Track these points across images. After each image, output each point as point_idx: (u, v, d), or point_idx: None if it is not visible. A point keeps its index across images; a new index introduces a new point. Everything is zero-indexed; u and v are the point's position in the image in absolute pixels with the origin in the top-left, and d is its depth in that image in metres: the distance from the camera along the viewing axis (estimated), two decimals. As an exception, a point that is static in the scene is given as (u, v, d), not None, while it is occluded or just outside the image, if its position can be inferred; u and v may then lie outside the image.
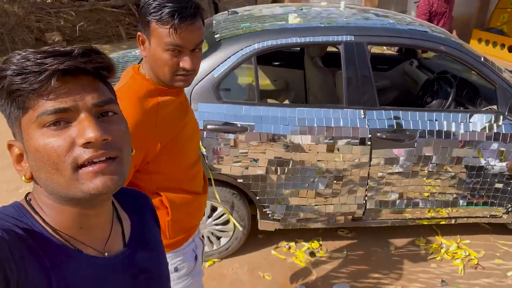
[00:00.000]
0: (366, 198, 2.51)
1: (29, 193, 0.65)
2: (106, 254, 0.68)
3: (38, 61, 0.54)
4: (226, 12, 2.86)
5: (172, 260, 1.35)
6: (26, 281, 0.54)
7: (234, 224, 2.50)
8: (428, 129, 2.38)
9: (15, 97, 0.56)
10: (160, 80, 1.16)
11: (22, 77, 0.54)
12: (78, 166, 0.56)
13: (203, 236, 1.54)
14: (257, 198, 2.44)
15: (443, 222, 2.71)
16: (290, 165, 2.36)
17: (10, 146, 0.61)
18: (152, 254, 0.77)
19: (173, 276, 1.35)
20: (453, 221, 2.70)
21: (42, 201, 0.62)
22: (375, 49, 5.06)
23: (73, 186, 0.57)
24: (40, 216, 0.61)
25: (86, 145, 0.56)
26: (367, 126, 2.35)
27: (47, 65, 0.54)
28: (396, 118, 2.38)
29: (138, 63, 1.25)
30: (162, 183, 1.23)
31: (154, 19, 1.06)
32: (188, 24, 1.07)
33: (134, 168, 1.16)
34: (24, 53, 0.56)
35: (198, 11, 1.09)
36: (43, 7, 8.21)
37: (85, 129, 0.56)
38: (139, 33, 1.13)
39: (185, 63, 1.11)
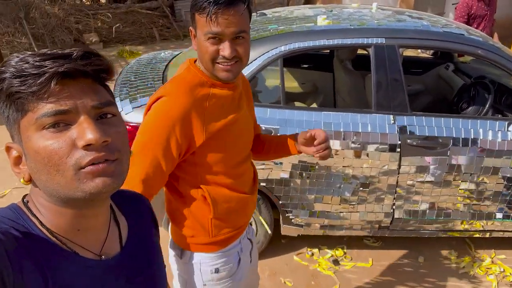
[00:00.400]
0: (394, 206, 2.41)
1: (26, 194, 0.65)
2: (103, 257, 0.67)
3: (37, 63, 0.54)
4: (254, 13, 2.85)
5: (215, 260, 1.33)
6: (23, 283, 0.54)
7: (257, 228, 2.48)
8: (463, 137, 2.26)
9: (14, 100, 0.56)
10: (208, 72, 1.17)
11: (21, 80, 0.54)
12: (81, 167, 0.57)
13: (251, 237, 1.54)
14: (280, 202, 2.40)
15: (476, 235, 2.56)
16: (315, 170, 2.31)
17: (8, 149, 0.61)
18: (149, 257, 0.77)
19: (212, 276, 1.33)
20: (487, 235, 2.55)
21: (40, 203, 0.62)
22: (410, 52, 4.91)
23: (74, 186, 0.57)
24: (38, 218, 0.61)
25: (87, 147, 0.56)
26: (396, 132, 2.26)
27: (47, 68, 0.54)
28: (429, 124, 2.28)
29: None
30: (206, 177, 1.23)
31: (196, 10, 1.09)
32: (223, 11, 1.06)
33: (171, 166, 1.18)
34: (22, 56, 0.56)
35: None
36: (82, 8, 8.52)
37: (85, 131, 0.56)
38: (190, 28, 1.15)
39: (223, 51, 1.10)
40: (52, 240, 0.61)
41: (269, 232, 2.48)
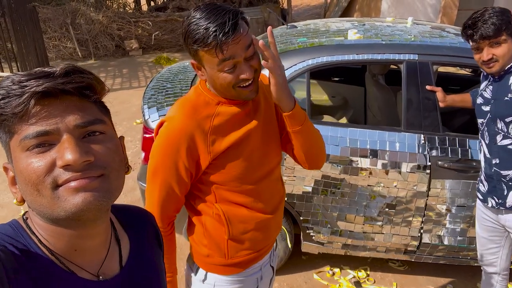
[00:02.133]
0: (422, 230, 2.29)
1: (27, 211, 0.65)
2: (100, 277, 0.66)
3: (21, 84, 0.54)
4: (285, 26, 2.83)
5: (230, 284, 1.27)
6: None
7: (276, 242, 2.43)
8: (499, 161, 2.11)
9: (1, 122, 0.56)
10: (231, 96, 1.13)
11: (6, 101, 0.54)
12: (58, 185, 0.56)
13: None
14: (301, 218, 2.34)
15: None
16: (338, 187, 2.24)
17: (5, 169, 0.62)
18: (149, 276, 0.74)
19: None
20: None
21: (36, 222, 0.62)
22: (448, 69, 4.71)
23: (55, 206, 0.56)
24: (36, 237, 0.61)
25: (66, 167, 0.55)
26: (427, 153, 2.15)
27: (27, 88, 0.54)
28: (462, 145, 2.16)
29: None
30: (221, 195, 1.19)
31: (199, 47, 1.03)
32: (232, 38, 1.02)
33: (185, 188, 1.16)
34: (13, 77, 0.56)
35: (237, 20, 1.03)
36: (125, 16, 8.87)
37: (64, 151, 0.55)
38: (192, 61, 1.11)
39: (243, 73, 1.07)
40: (51, 258, 0.60)
41: (289, 246, 2.43)
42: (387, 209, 2.26)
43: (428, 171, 2.15)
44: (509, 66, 1.64)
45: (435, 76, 2.23)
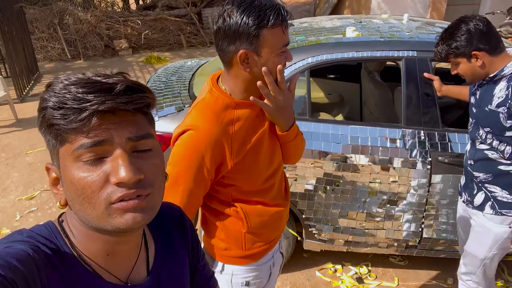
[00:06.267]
0: (423, 225, 2.32)
1: (62, 213, 0.67)
2: (129, 284, 0.66)
3: (79, 95, 0.54)
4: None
5: (247, 273, 1.32)
6: None
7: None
8: (498, 155, 2.14)
9: (53, 130, 0.57)
10: (244, 93, 1.16)
11: (62, 113, 0.54)
12: (111, 203, 0.57)
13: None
14: (303, 216, 2.35)
15: (510, 259, 2.43)
16: (340, 184, 2.25)
17: (47, 169, 0.63)
18: (174, 280, 0.75)
19: None
20: (523, 259, 2.41)
21: (74, 225, 0.63)
22: (445, 64, 4.76)
23: (104, 220, 0.58)
24: (70, 239, 0.62)
25: (119, 184, 0.56)
26: (427, 148, 2.17)
27: (88, 104, 0.54)
28: (462, 141, 2.18)
29: (215, 75, 1.23)
30: (237, 195, 1.23)
31: (265, 27, 1.04)
32: (288, 18, 1.08)
33: (205, 191, 1.18)
34: (66, 82, 0.56)
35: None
36: (113, 15, 8.76)
37: (118, 168, 0.56)
38: (242, 51, 1.07)
39: (289, 57, 1.12)
40: (80, 262, 0.62)
41: (299, 238, 2.42)
42: (388, 205, 2.28)
43: (428, 166, 2.17)
44: (495, 73, 1.61)
45: (433, 72, 2.24)
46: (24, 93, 5.91)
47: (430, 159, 2.16)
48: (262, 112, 1.22)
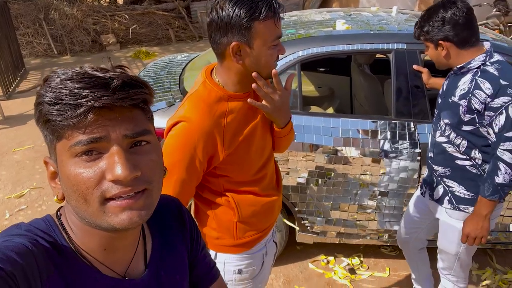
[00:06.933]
0: (412, 216, 2.35)
1: (61, 207, 0.66)
2: (126, 278, 0.67)
3: (75, 90, 0.53)
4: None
5: (239, 261, 1.34)
6: None
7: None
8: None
9: (50, 125, 0.56)
10: (238, 85, 1.16)
11: (58, 109, 0.54)
12: (106, 199, 0.57)
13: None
14: (296, 209, 2.36)
15: (498, 247, 2.48)
16: (332, 177, 2.26)
17: (46, 163, 0.63)
18: (172, 272, 0.75)
19: (234, 276, 1.35)
20: (510, 247, 2.47)
21: (71, 220, 0.63)
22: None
23: (100, 217, 0.57)
24: (68, 234, 0.62)
25: (115, 181, 0.56)
26: (417, 140, 2.20)
27: (83, 100, 0.53)
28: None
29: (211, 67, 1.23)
30: (229, 186, 1.25)
31: (257, 19, 1.05)
32: (281, 11, 1.09)
33: (197, 181, 1.20)
34: (63, 77, 0.55)
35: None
36: (100, 10, 8.63)
37: (114, 165, 0.55)
38: (234, 43, 1.07)
39: (282, 50, 1.14)
40: (78, 256, 0.62)
41: (295, 227, 2.42)
42: (379, 197, 2.30)
43: (419, 158, 2.20)
44: (462, 65, 1.60)
45: (423, 64, 2.26)
46: (10, 90, 5.81)
47: (419, 150, 2.19)
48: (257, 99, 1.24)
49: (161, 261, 0.73)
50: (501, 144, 1.51)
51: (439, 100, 1.74)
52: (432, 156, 1.77)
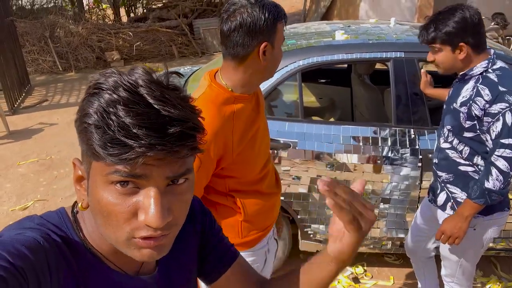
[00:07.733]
0: (415, 223, 2.35)
1: (76, 202, 0.65)
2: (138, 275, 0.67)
3: (127, 124, 0.48)
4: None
5: None
6: None
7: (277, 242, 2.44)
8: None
9: (90, 146, 0.52)
10: (246, 86, 1.22)
11: (103, 139, 0.49)
12: (134, 237, 0.55)
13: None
14: (299, 217, 2.37)
15: (502, 254, 2.47)
16: (334, 184, 2.27)
17: (74, 164, 0.60)
18: (183, 267, 0.75)
19: None
20: (515, 254, 2.46)
21: (90, 222, 0.62)
22: (431, 67, 4.86)
23: (122, 246, 0.57)
24: (81, 232, 0.62)
25: (147, 226, 0.54)
26: (417, 147, 2.22)
27: (135, 144, 0.48)
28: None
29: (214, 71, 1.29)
30: (235, 186, 1.29)
31: (279, 20, 1.16)
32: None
33: (206, 181, 1.23)
34: (115, 96, 0.50)
35: None
36: (104, 27, 8.80)
37: (149, 209, 0.52)
38: (265, 43, 1.14)
39: (281, 53, 1.26)
40: (89, 253, 0.61)
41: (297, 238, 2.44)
42: (381, 204, 2.31)
43: (419, 164, 2.21)
44: (466, 71, 1.59)
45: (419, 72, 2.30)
46: (15, 105, 5.89)
47: (420, 156, 2.21)
48: (256, 104, 1.28)
49: (172, 257, 0.72)
50: (497, 150, 1.51)
51: (444, 107, 1.75)
52: (436, 162, 1.78)
